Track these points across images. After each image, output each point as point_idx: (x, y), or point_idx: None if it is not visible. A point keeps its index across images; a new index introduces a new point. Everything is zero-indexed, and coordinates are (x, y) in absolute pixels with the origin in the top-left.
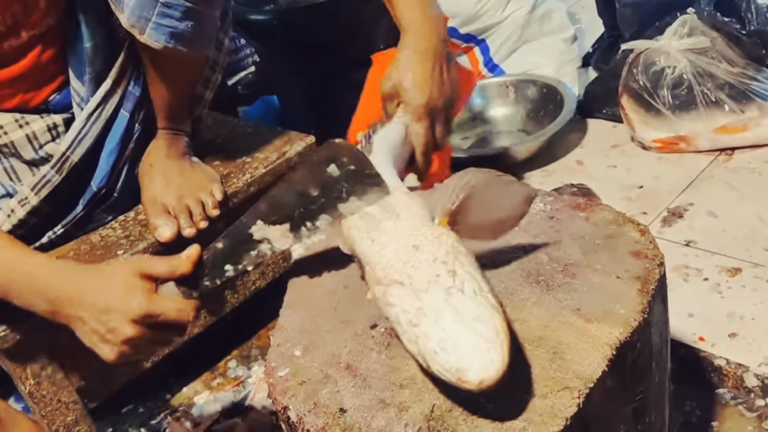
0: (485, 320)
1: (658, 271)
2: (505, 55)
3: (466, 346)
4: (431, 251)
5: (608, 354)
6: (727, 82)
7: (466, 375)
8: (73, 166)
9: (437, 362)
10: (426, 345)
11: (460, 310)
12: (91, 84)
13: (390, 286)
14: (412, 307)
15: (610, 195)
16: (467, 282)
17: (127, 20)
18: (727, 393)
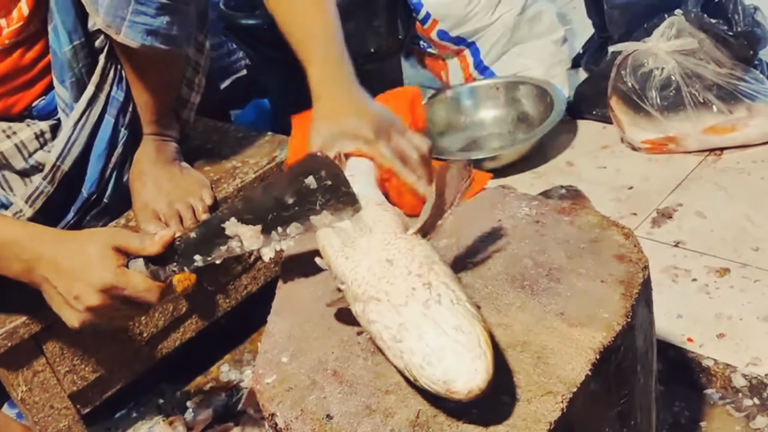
0: (466, 330)
1: (642, 275)
2: (495, 57)
3: (451, 358)
4: (404, 264)
5: (591, 358)
6: (715, 83)
7: (453, 386)
8: (63, 175)
9: (424, 376)
10: (412, 360)
11: (439, 322)
12: (73, 88)
13: (368, 303)
14: (394, 323)
15: (600, 196)
16: (443, 293)
17: (103, 21)
18: (716, 393)
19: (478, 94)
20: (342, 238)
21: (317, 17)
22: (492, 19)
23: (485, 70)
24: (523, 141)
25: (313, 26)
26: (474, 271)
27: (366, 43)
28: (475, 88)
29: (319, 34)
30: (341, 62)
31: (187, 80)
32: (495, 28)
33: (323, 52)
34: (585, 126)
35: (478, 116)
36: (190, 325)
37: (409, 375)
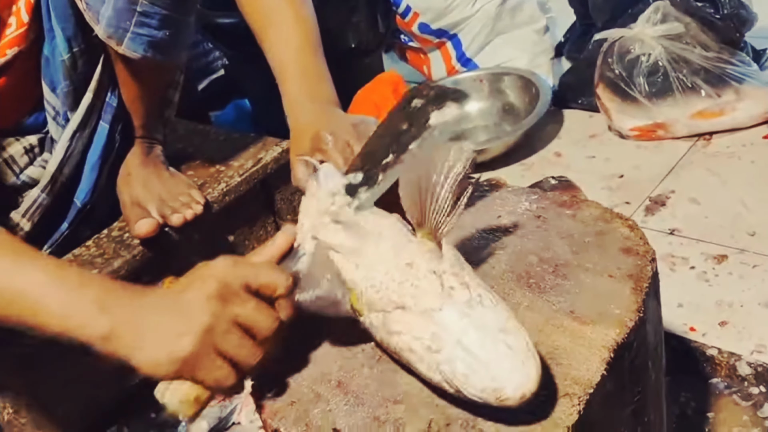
0: (512, 331)
1: (650, 268)
2: (477, 49)
3: (499, 362)
4: (428, 266)
5: (606, 357)
6: (703, 67)
7: (504, 393)
8: (61, 186)
9: (470, 385)
10: (453, 370)
11: (484, 325)
12: (67, 97)
13: (390, 313)
14: (426, 332)
15: (591, 186)
16: (483, 293)
17: (104, 31)
18: (721, 382)
19: (462, 87)
20: (344, 252)
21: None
22: (473, 11)
23: (468, 63)
24: (510, 133)
25: (286, 33)
26: (478, 270)
27: (346, 38)
28: (458, 80)
29: (293, 44)
30: (315, 75)
31: (175, 82)
32: (476, 19)
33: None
34: (571, 115)
35: (462, 109)
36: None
37: (448, 387)
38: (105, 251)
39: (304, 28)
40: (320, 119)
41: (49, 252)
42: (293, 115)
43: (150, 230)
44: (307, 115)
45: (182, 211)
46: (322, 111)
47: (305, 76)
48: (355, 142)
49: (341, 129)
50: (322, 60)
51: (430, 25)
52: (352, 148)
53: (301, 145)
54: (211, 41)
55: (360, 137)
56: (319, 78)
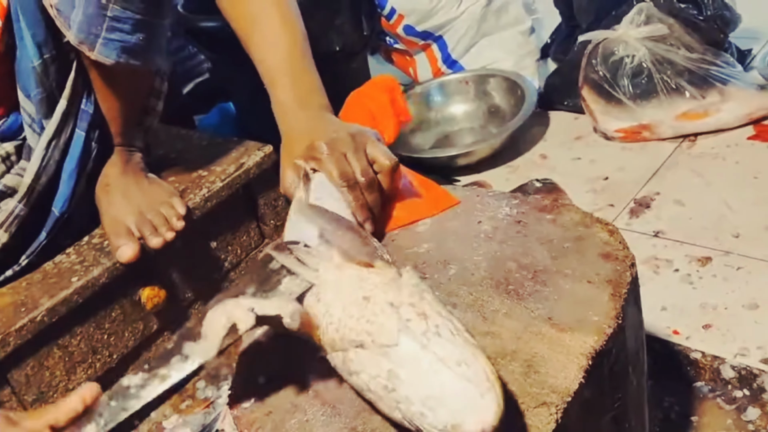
0: (470, 363)
1: (629, 273)
2: (463, 50)
3: (457, 396)
4: (385, 298)
5: (584, 364)
6: (687, 69)
7: (463, 428)
8: (38, 195)
9: (428, 424)
10: (410, 408)
11: (441, 357)
12: (40, 104)
13: (347, 352)
14: (382, 370)
15: (576, 188)
16: (441, 323)
17: (75, 37)
18: (705, 386)
19: (448, 89)
20: (306, 273)
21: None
22: (458, 12)
23: (454, 64)
24: (496, 135)
25: (274, 37)
26: (457, 277)
27: (331, 41)
28: (444, 82)
29: (281, 48)
30: (305, 80)
31: (155, 90)
32: (461, 21)
33: (286, 71)
34: (557, 117)
35: (448, 111)
36: (161, 344)
37: (409, 426)
38: (85, 258)
39: (291, 31)
40: (316, 127)
41: (27, 262)
42: (285, 121)
43: (132, 257)
44: (300, 122)
45: (161, 231)
46: (316, 118)
47: (296, 81)
48: (352, 154)
49: (338, 139)
50: (311, 64)
51: (415, 27)
52: (349, 160)
53: (293, 153)
54: (195, 45)
55: (357, 149)
56: (310, 83)
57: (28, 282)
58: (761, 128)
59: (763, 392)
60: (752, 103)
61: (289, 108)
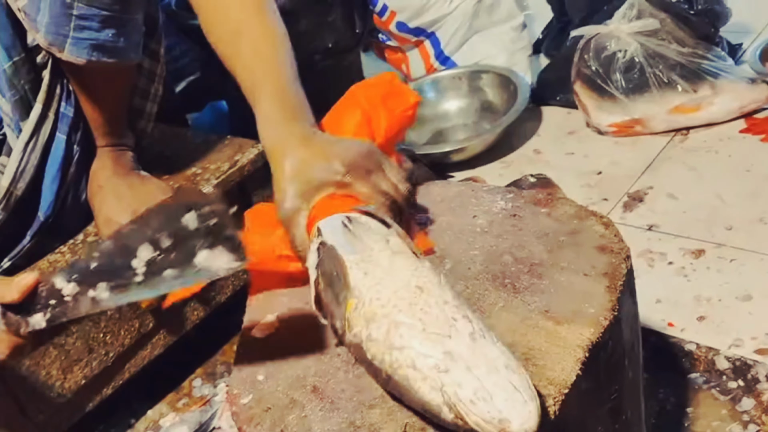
0: (516, 370)
1: (625, 265)
2: (455, 46)
3: (505, 396)
4: (438, 294)
5: (581, 356)
6: (679, 63)
7: (509, 426)
8: (17, 200)
9: (475, 412)
10: (459, 393)
11: (489, 358)
12: (17, 106)
13: (397, 327)
14: (436, 352)
15: (570, 183)
16: (484, 328)
17: (44, 38)
18: (700, 377)
19: (441, 85)
20: (358, 248)
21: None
22: (450, 8)
23: (446, 60)
24: (489, 131)
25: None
26: (454, 271)
27: (323, 38)
28: (437, 79)
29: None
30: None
31: (142, 90)
32: (454, 17)
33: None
34: (550, 112)
35: (441, 108)
36: (158, 341)
37: (447, 411)
38: (80, 257)
39: (272, 40)
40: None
41: (11, 264)
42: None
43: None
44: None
45: None
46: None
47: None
48: (375, 172)
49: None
50: (295, 76)
51: (408, 24)
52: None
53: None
54: (187, 43)
55: (377, 166)
56: (295, 96)
57: None
58: (753, 121)
59: (757, 383)
60: (744, 97)
61: (275, 124)
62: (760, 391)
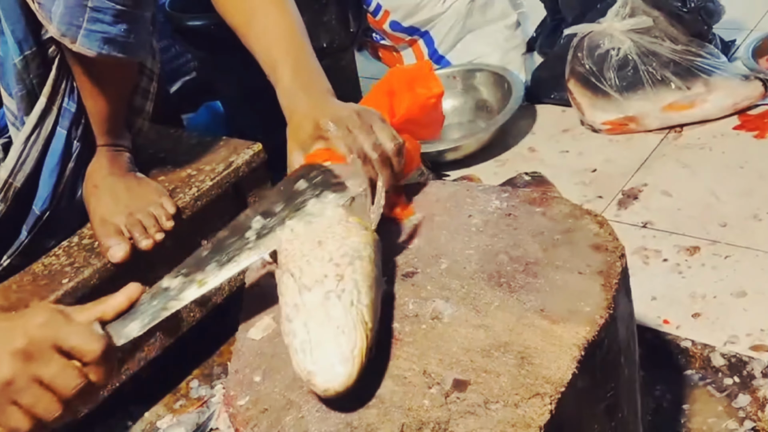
0: (347, 333)
1: (619, 264)
2: (449, 45)
3: (322, 353)
4: (330, 250)
5: (577, 355)
6: (672, 60)
7: (314, 379)
8: (16, 192)
9: (295, 360)
10: (292, 342)
11: (330, 316)
12: (22, 101)
13: (283, 275)
14: (292, 302)
15: (565, 180)
16: (348, 290)
17: (57, 29)
18: (696, 374)
19: None
20: None
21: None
22: (444, 7)
23: (440, 60)
24: (484, 130)
25: (273, 27)
26: (449, 270)
27: (317, 38)
28: None
29: (281, 37)
30: (307, 67)
31: (142, 89)
32: (447, 16)
33: (288, 58)
34: (544, 110)
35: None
36: (154, 343)
37: (290, 353)
38: (75, 260)
39: (289, 21)
40: (321, 107)
41: (10, 261)
42: (291, 104)
43: (123, 257)
44: (304, 104)
45: (151, 231)
46: (321, 100)
47: (298, 67)
48: (358, 130)
49: (343, 116)
50: (311, 51)
51: (401, 23)
52: (356, 136)
53: (300, 134)
54: (182, 44)
55: (363, 125)
56: (312, 69)
57: (19, 285)
58: (746, 118)
59: (752, 379)
60: (737, 94)
61: (293, 92)
62: (756, 388)
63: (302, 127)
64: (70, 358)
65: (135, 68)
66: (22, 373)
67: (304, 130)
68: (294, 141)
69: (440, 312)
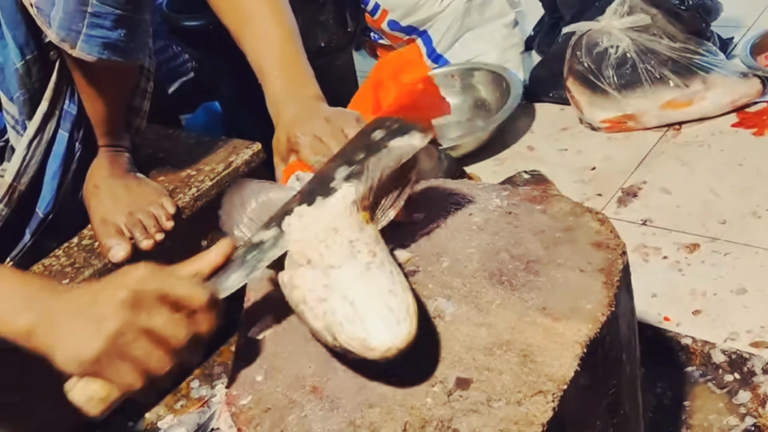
0: (398, 295)
1: (621, 261)
2: (447, 44)
3: (376, 318)
4: (349, 235)
5: (579, 352)
6: (670, 58)
7: (373, 342)
8: (20, 195)
9: (344, 332)
10: (332, 320)
11: (374, 286)
12: (24, 105)
13: (298, 269)
14: (318, 284)
15: (564, 179)
16: (386, 262)
17: (56, 35)
18: (696, 371)
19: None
20: None
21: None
22: (442, 7)
23: (439, 59)
24: (483, 128)
25: (265, 30)
26: (451, 269)
27: (315, 37)
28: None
29: (273, 41)
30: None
31: (140, 89)
32: (446, 15)
33: (277, 64)
34: (543, 109)
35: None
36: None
37: (327, 334)
38: (75, 260)
39: (282, 24)
40: (299, 118)
41: (13, 264)
42: (276, 113)
43: (124, 257)
44: (287, 113)
45: (152, 232)
46: (302, 108)
47: (287, 73)
48: (328, 136)
49: (314, 125)
50: (302, 55)
51: (400, 22)
52: (326, 143)
53: (279, 147)
54: (179, 45)
55: (334, 132)
56: (301, 74)
57: None
58: (745, 115)
59: (753, 375)
60: (735, 91)
61: (279, 100)
62: (756, 384)
63: (280, 140)
64: (176, 310)
65: (134, 71)
66: (130, 325)
67: (281, 143)
68: (276, 154)
69: (442, 310)
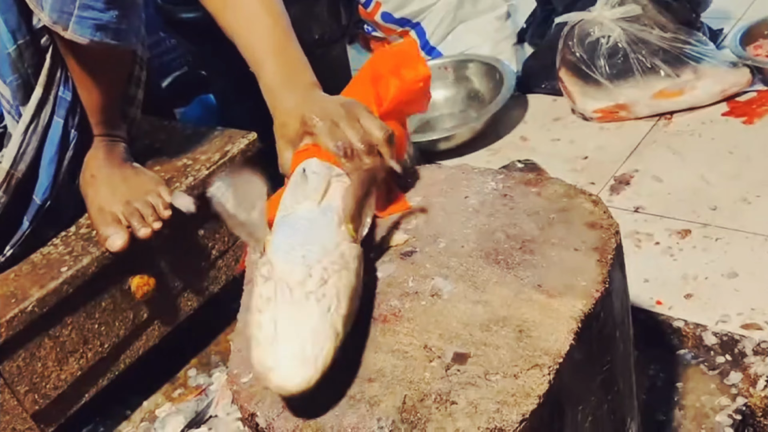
0: (316, 338)
1: (614, 240)
2: (441, 37)
3: (287, 351)
4: (319, 252)
5: (574, 327)
6: (661, 48)
7: (271, 375)
8: (18, 182)
9: (256, 353)
10: (256, 333)
11: (304, 317)
12: (18, 91)
13: (264, 266)
14: (266, 294)
15: (557, 168)
16: (328, 296)
17: (48, 17)
18: (688, 353)
19: None
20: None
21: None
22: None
23: (432, 51)
24: (476, 119)
25: (254, 19)
26: (448, 249)
27: (309, 30)
28: None
29: (263, 29)
30: (290, 60)
31: (135, 77)
32: (439, 7)
33: (270, 52)
34: (535, 100)
35: None
36: (152, 332)
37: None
38: (73, 249)
39: (272, 11)
40: (305, 102)
41: (11, 252)
42: (274, 100)
43: (122, 246)
44: (290, 100)
45: (149, 221)
46: (305, 95)
47: (281, 61)
48: (345, 123)
49: (329, 109)
50: (295, 42)
51: (393, 14)
52: (343, 129)
53: (287, 131)
54: (174, 37)
55: (350, 117)
56: (296, 61)
57: (17, 273)
58: (735, 104)
59: (744, 357)
60: (725, 80)
61: (275, 88)
62: (747, 365)
63: (288, 125)
64: None
65: (128, 57)
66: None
67: (290, 127)
68: (282, 139)
69: (439, 289)
